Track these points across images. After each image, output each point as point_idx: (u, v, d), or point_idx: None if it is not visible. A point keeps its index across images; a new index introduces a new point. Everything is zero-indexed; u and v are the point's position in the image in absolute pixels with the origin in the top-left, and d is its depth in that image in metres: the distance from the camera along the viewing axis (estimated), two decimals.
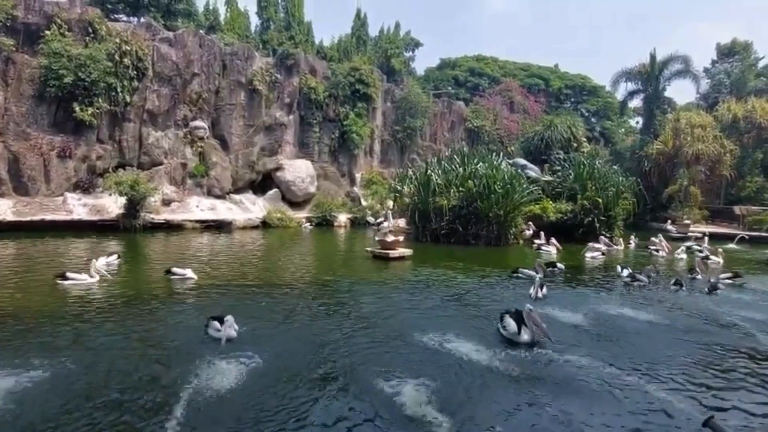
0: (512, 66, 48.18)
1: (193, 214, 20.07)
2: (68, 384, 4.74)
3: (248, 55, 23.56)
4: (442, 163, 19.14)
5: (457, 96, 40.36)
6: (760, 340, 6.82)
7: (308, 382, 4.97)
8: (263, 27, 31.79)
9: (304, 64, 25.81)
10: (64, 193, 18.23)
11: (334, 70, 27.17)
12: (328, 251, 16.63)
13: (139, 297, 8.22)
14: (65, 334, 6.18)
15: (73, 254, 12.60)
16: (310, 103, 25.64)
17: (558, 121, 24.99)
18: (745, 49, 37.09)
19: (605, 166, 21.10)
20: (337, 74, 26.74)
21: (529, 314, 6.34)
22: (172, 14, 26.03)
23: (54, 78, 17.57)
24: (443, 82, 44.39)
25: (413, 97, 30.25)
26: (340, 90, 26.35)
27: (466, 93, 42.78)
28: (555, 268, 11.75)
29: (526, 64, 49.13)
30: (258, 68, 23.67)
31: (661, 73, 31.03)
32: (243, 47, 23.95)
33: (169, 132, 21.50)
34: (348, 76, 26.58)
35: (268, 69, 24.11)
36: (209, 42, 22.52)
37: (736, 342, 6.69)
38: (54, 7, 18.55)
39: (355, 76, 26.58)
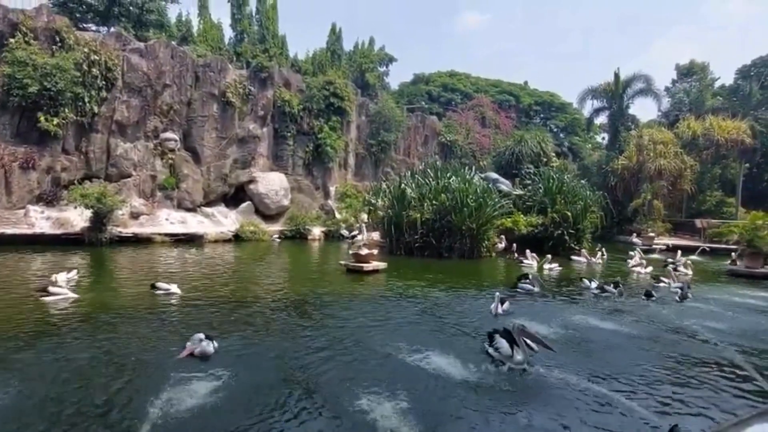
0: (484, 82, 49.31)
1: (163, 228, 19.60)
2: (25, 404, 4.54)
3: (221, 67, 23.39)
4: (415, 176, 19.33)
5: (431, 111, 40.96)
6: (720, 350, 7.09)
7: (280, 400, 4.89)
8: (237, 39, 31.62)
9: (278, 76, 25.78)
10: (26, 206, 17.57)
11: (308, 83, 27.23)
12: (301, 265, 16.48)
13: (101, 313, 7.95)
14: (23, 352, 5.91)
15: (33, 269, 12.12)
16: (285, 115, 25.57)
17: (528, 136, 25.60)
18: (702, 69, 38.97)
19: (573, 181, 21.67)
20: (311, 87, 26.80)
21: (522, 331, 6.06)
22: (144, 25, 25.66)
23: (18, 87, 17.05)
24: (417, 97, 45.02)
25: (387, 111, 30.56)
26: (315, 103, 26.40)
27: (439, 108, 43.48)
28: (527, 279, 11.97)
29: (496, 80, 50.36)
30: (231, 80, 23.51)
31: (624, 92, 32.24)
32: (216, 59, 23.77)
33: (139, 143, 21.05)
34: (322, 90, 26.67)
35: (241, 81, 23.98)
36: (181, 53, 22.26)
37: (698, 351, 6.93)
38: (19, 14, 18.07)
39: (329, 90, 26.69)
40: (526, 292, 10.68)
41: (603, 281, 11.65)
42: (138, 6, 24.93)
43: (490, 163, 29.23)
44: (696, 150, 29.45)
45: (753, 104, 33.76)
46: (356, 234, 22.07)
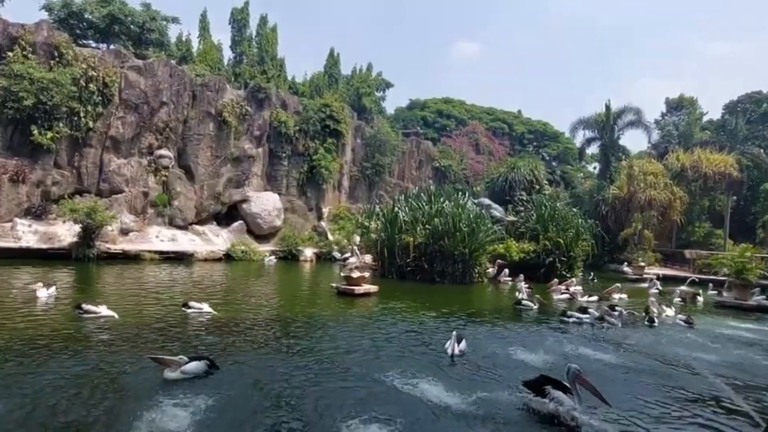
0: (478, 109, 50.11)
1: (152, 245, 19.38)
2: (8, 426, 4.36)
3: (219, 87, 23.56)
4: (409, 200, 19.37)
5: (426, 136, 41.45)
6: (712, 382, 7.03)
7: (267, 426, 4.75)
8: (236, 60, 32.00)
9: (275, 98, 25.99)
10: (13, 219, 17.32)
11: (305, 105, 27.48)
12: (292, 286, 16.29)
13: (77, 332, 7.75)
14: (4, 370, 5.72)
15: (12, 283, 11.85)
16: (280, 136, 25.68)
17: (521, 163, 25.86)
18: (691, 103, 39.93)
19: (565, 209, 21.82)
20: (308, 109, 27.03)
21: (578, 376, 5.10)
22: (144, 43, 25.90)
23: (13, 100, 17.01)
24: (412, 122, 45.60)
25: (383, 135, 30.85)
26: (311, 125, 26.58)
27: (434, 133, 44.01)
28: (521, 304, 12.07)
29: (490, 108, 51.21)
30: (228, 100, 23.66)
31: (615, 123, 32.81)
32: (214, 79, 23.96)
33: (133, 160, 20.97)
34: (319, 112, 26.90)
35: (238, 101, 24.13)
36: (180, 72, 22.43)
37: (689, 384, 6.87)
38: (19, 29, 18.16)
39: (325, 112, 26.92)
40: (578, 321, 10.76)
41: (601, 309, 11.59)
42: (138, 25, 25.21)
43: (483, 189, 29.46)
44: (685, 181, 29.88)
45: (740, 138, 34.52)
46: (348, 256, 21.97)
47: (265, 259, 21.25)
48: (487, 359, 7.49)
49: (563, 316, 11.01)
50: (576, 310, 11.45)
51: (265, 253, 22.12)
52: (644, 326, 10.95)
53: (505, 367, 7.08)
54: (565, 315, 11.06)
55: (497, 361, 7.45)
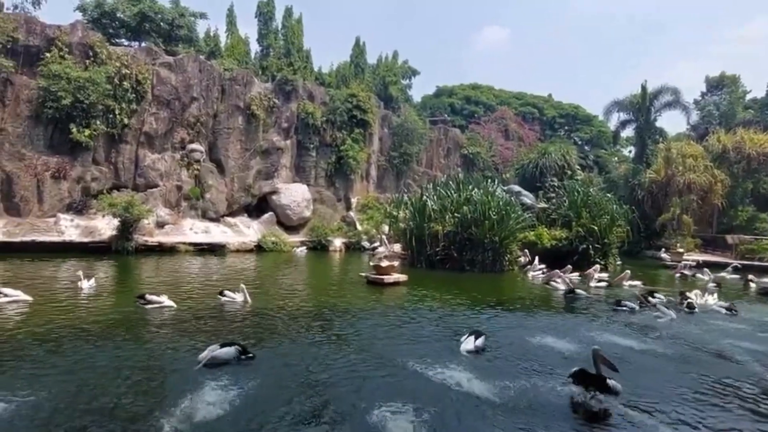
0: (507, 95, 49.08)
1: (187, 237, 19.91)
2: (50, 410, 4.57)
3: (247, 81, 23.84)
4: (437, 188, 19.22)
5: (453, 123, 40.92)
6: (759, 372, 6.74)
7: (297, 412, 4.82)
8: (263, 54, 32.26)
9: (302, 89, 26.13)
10: (56, 214, 18.08)
11: (332, 96, 27.52)
12: (322, 276, 16.48)
13: (124, 321, 8.05)
14: (48, 359, 6.00)
15: (58, 276, 12.39)
16: (308, 127, 25.84)
17: (552, 148, 25.28)
18: (733, 82, 37.98)
19: (599, 194, 21.25)
20: (335, 100, 27.07)
21: (598, 354, 5.52)
22: (174, 40, 26.37)
23: (52, 99, 17.65)
24: (439, 110, 45.06)
25: (410, 123, 30.64)
26: (338, 115, 26.63)
27: (462, 120, 43.42)
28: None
29: (520, 92, 50.07)
30: (256, 93, 23.92)
31: (652, 104, 31.60)
32: (242, 73, 24.26)
33: (166, 155, 21.53)
34: (345, 102, 26.91)
35: (266, 94, 24.37)
36: (209, 67, 22.80)
37: (735, 374, 6.60)
38: (55, 30, 18.78)
39: (352, 103, 26.91)
40: (629, 309, 10.54)
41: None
42: (168, 22, 25.66)
43: (513, 175, 28.96)
44: (726, 164, 28.56)
45: None
46: (377, 246, 22.05)
47: (295, 249, 21.55)
48: (518, 349, 7.39)
49: (617, 306, 10.72)
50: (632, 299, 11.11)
51: (295, 243, 22.42)
52: (683, 313, 10.59)
53: (536, 357, 6.97)
54: (618, 304, 10.77)
55: (528, 350, 7.34)
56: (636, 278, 15.15)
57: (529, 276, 15.70)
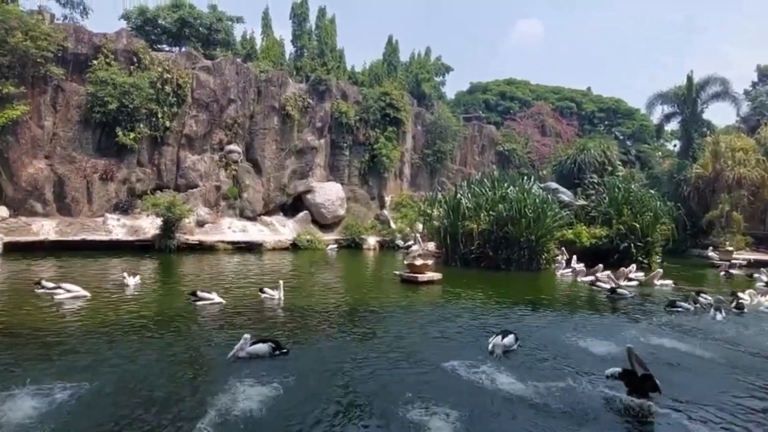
0: (543, 89, 47.91)
1: (226, 236, 20.47)
2: (94, 403, 4.80)
3: (282, 82, 24.25)
4: (472, 186, 19.00)
5: (488, 120, 40.30)
6: None
7: (332, 408, 4.88)
8: (297, 54, 32.72)
9: (335, 89, 26.35)
10: (104, 214, 18.94)
11: (365, 94, 27.62)
12: (356, 274, 16.60)
13: (171, 316, 8.34)
14: (95, 352, 6.29)
15: (107, 273, 12.96)
16: (341, 127, 26.05)
17: (591, 144, 24.50)
18: None
19: (642, 191, 20.51)
20: (368, 99, 27.16)
21: (632, 351, 5.47)
22: (212, 44, 27.10)
23: (99, 105, 18.47)
24: (473, 106, 44.46)
25: (443, 120, 30.39)
26: (371, 114, 26.71)
27: (496, 116, 42.69)
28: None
29: (557, 87, 48.78)
30: (291, 94, 24.30)
31: (698, 96, 30.19)
32: (277, 74, 24.69)
33: (205, 156, 22.18)
34: (378, 101, 26.95)
35: (300, 94, 24.72)
36: (245, 69, 23.32)
37: None
38: (102, 38, 19.63)
39: (385, 101, 26.92)
40: (685, 311, 10.25)
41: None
42: (206, 27, 26.39)
43: (550, 172, 28.28)
44: None
45: None
46: (411, 244, 22.00)
47: (327, 248, 21.82)
48: (555, 349, 7.23)
49: (671, 307, 10.34)
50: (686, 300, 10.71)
51: (330, 241, 22.70)
52: (732, 314, 10.07)
53: (574, 358, 6.80)
54: (673, 305, 10.39)
55: (566, 351, 7.17)
56: (681, 279, 14.55)
57: (558, 275, 15.27)
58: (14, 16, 17.48)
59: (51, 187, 18.22)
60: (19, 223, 16.99)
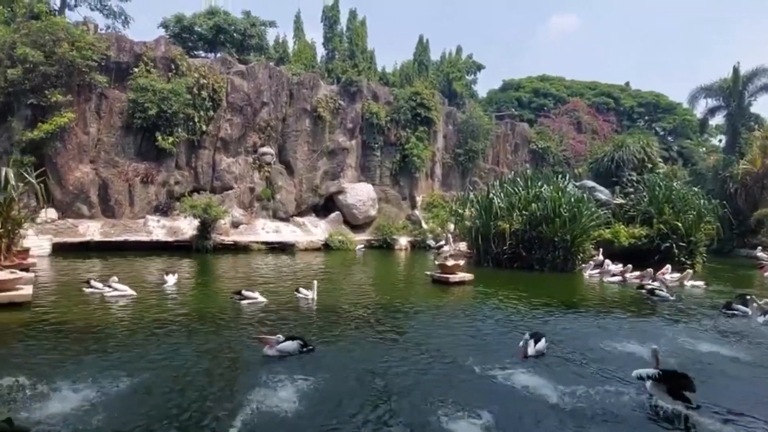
0: (579, 85, 46.70)
1: (259, 236, 20.89)
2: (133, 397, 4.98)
3: (313, 84, 24.56)
4: (504, 185, 18.71)
5: (521, 117, 39.60)
6: None
7: (362, 408, 4.90)
8: (328, 57, 33.12)
9: (366, 90, 26.48)
10: (145, 216, 19.67)
11: (395, 95, 27.65)
12: (387, 274, 16.63)
13: (201, 314, 8.58)
14: (139, 348, 6.53)
15: (148, 272, 13.45)
16: (372, 127, 26.16)
17: (630, 140, 23.70)
18: None
19: (684, 188, 19.72)
20: (398, 99, 27.17)
21: (657, 352, 5.69)
22: (246, 49, 27.77)
23: (140, 110, 19.19)
24: (506, 104, 43.81)
25: (475, 119, 30.07)
26: (402, 114, 26.70)
27: (530, 114, 41.92)
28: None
29: (593, 82, 47.46)
30: (322, 96, 24.57)
31: (745, 88, 28.82)
32: (309, 76, 25.02)
33: (240, 158, 22.70)
34: (409, 101, 26.92)
35: (332, 96, 24.96)
36: (278, 73, 23.74)
37: None
38: (142, 46, 20.40)
39: (416, 101, 26.87)
40: (743, 314, 9.78)
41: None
42: (241, 32, 27.07)
43: (586, 170, 27.53)
44: None
45: None
46: (443, 244, 21.87)
47: (356, 248, 21.96)
48: (590, 353, 7.03)
49: (727, 310, 9.89)
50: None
51: (361, 242, 22.84)
52: None
53: (611, 362, 6.59)
54: (729, 307, 9.93)
55: (602, 354, 6.96)
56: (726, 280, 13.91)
57: (586, 275, 14.83)
58: (61, 28, 18.39)
59: (96, 190, 19.06)
60: (67, 225, 17.85)
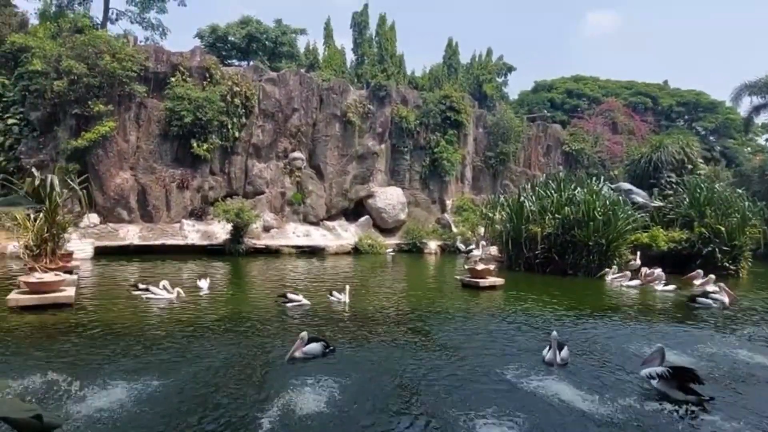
0: (614, 85, 45.45)
1: (290, 240, 21.20)
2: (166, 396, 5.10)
3: (343, 89, 24.80)
4: (536, 189, 18.36)
5: (554, 119, 38.83)
6: None
7: (390, 414, 4.88)
8: (358, 62, 33.42)
9: (395, 94, 26.54)
10: (181, 220, 20.28)
11: (425, 98, 27.60)
12: (417, 278, 16.56)
13: (234, 316, 8.75)
14: (174, 349, 6.70)
15: (183, 275, 13.83)
16: (402, 131, 26.18)
17: (668, 141, 22.84)
18: None
19: (727, 190, 18.86)
20: (428, 102, 27.10)
21: (663, 351, 6.01)
22: (277, 56, 28.40)
23: (176, 118, 19.84)
24: (538, 106, 43.06)
25: (506, 121, 29.66)
26: (431, 118, 26.63)
27: (563, 115, 41.04)
28: None
29: (629, 81, 46.09)
30: (352, 101, 24.78)
31: None
32: (338, 82, 25.28)
33: (271, 163, 23.13)
34: (439, 104, 26.83)
35: (361, 101, 25.14)
36: (308, 79, 24.10)
37: None
38: (178, 57, 21.10)
39: (445, 104, 26.75)
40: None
41: None
42: (272, 40, 27.70)
43: (622, 172, 26.73)
44: None
45: None
46: (473, 248, 21.64)
47: (386, 252, 21.97)
48: (622, 360, 6.80)
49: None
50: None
51: (391, 246, 22.87)
52: None
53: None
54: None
55: (634, 362, 6.70)
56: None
57: (607, 280, 14.30)
58: (103, 41, 19.26)
59: (135, 195, 19.80)
60: (108, 229, 18.60)
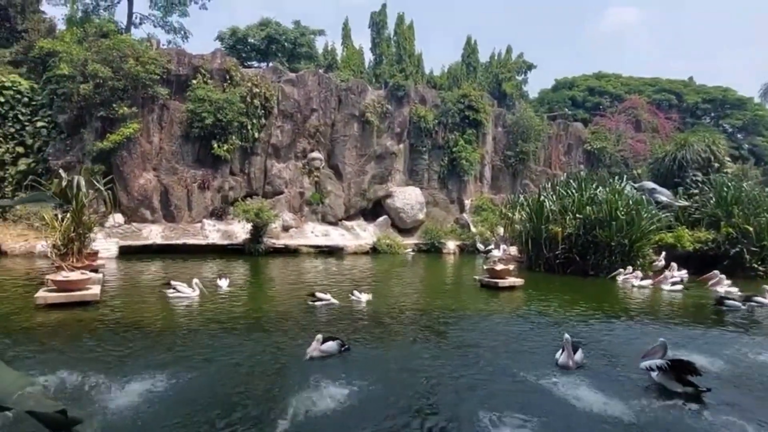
0: (637, 82, 44.52)
1: (309, 240, 21.34)
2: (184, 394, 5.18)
3: (361, 89, 24.86)
4: (556, 188, 18.11)
5: (575, 117, 38.23)
6: None
7: (409, 415, 4.86)
8: (376, 62, 33.44)
9: (413, 93, 26.49)
10: (202, 220, 20.61)
11: (443, 97, 27.48)
12: (435, 278, 16.49)
13: (256, 315, 8.84)
14: (191, 347, 6.79)
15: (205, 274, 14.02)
16: (420, 131, 26.12)
17: (694, 139, 22.28)
18: None
19: (756, 189, 18.31)
20: (446, 102, 26.98)
21: (665, 345, 6.14)
22: (296, 57, 28.62)
23: (198, 120, 20.16)
24: (558, 104, 42.44)
25: (525, 120, 29.33)
26: (450, 117, 26.50)
27: (584, 113, 40.37)
28: None
29: (653, 78, 45.09)
30: (370, 101, 24.81)
31: None
32: (357, 82, 25.35)
33: (290, 163, 23.32)
34: (457, 103, 26.68)
35: (379, 101, 25.15)
36: (326, 80, 24.23)
37: None
38: (200, 59, 21.43)
39: (464, 103, 26.59)
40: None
41: None
42: (291, 42, 27.93)
43: (645, 171, 26.17)
44: None
45: None
46: (492, 248, 21.46)
47: (406, 252, 21.93)
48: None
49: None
50: None
51: (410, 245, 22.85)
52: None
53: None
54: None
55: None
56: None
57: (619, 281, 14.01)
58: (128, 45, 19.69)
59: (158, 196, 20.18)
60: (132, 229, 19.00)
